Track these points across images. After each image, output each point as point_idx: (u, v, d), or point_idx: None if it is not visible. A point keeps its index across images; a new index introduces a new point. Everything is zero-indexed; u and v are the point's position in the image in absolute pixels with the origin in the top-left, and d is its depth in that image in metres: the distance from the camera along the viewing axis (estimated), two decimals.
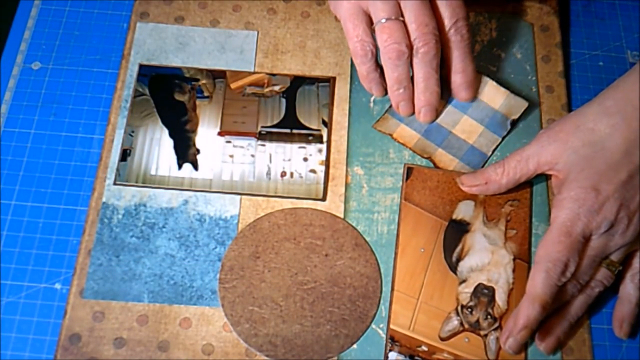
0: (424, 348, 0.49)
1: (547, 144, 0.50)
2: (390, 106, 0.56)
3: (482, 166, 0.55)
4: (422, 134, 0.56)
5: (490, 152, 0.55)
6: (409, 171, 0.54)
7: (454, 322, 0.50)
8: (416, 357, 0.48)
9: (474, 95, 0.56)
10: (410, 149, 0.55)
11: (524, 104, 0.56)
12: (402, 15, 0.51)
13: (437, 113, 0.55)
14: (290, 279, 0.50)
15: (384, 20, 0.51)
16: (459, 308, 0.50)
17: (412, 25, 0.51)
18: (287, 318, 0.49)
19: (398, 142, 0.56)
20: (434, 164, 0.55)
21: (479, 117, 0.56)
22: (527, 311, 0.47)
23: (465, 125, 0.56)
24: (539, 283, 0.47)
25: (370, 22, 0.52)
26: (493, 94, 0.56)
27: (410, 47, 0.51)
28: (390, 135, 0.56)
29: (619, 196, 0.47)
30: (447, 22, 0.52)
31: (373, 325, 0.49)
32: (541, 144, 0.50)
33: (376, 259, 0.51)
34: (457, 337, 0.49)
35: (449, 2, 0.52)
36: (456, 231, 0.52)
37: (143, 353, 0.48)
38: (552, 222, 0.49)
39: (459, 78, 0.54)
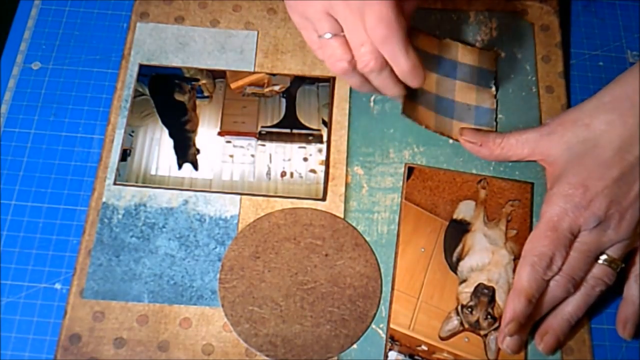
0: (424, 348, 0.49)
1: (546, 134, 0.51)
2: (407, 87, 0.51)
3: (495, 120, 0.56)
4: (434, 110, 0.56)
5: (495, 105, 0.56)
6: (410, 171, 0.54)
7: (454, 322, 0.50)
8: (416, 357, 0.48)
9: (422, 79, 0.50)
10: (432, 130, 0.54)
11: (492, 55, 0.58)
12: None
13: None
14: (290, 279, 0.50)
15: (327, 36, 0.48)
16: (459, 308, 0.50)
17: (351, 46, 0.47)
18: (287, 318, 0.49)
19: (426, 127, 0.55)
20: (453, 139, 0.55)
21: (468, 78, 0.57)
22: (512, 304, 0.48)
23: (461, 89, 0.57)
24: (524, 276, 0.48)
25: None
26: (466, 54, 0.58)
27: (353, 62, 0.48)
28: (420, 124, 0.54)
29: (609, 193, 0.47)
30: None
31: (373, 325, 0.49)
32: (541, 133, 0.51)
33: (376, 259, 0.51)
34: (457, 337, 0.49)
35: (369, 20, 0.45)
36: (456, 231, 0.52)
37: (143, 353, 0.48)
38: (541, 217, 0.49)
39: (399, 71, 0.49)
